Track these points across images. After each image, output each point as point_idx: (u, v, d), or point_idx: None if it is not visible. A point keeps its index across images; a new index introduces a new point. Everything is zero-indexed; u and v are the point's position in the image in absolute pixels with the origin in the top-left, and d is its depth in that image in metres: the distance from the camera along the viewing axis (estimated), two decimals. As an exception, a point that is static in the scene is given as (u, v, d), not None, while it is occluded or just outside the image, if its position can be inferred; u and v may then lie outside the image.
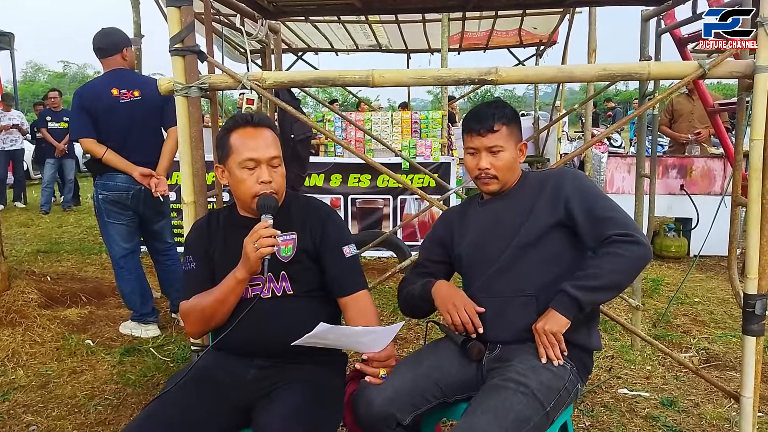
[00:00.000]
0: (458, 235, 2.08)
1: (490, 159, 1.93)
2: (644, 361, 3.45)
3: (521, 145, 1.99)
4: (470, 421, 1.62)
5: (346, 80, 2.28)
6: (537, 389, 1.70)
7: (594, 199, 1.86)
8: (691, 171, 6.00)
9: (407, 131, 6.35)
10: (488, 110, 1.92)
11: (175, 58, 2.25)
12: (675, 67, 2.19)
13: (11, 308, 3.76)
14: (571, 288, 1.77)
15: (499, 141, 1.91)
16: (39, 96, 10.83)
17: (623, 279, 1.79)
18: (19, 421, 2.81)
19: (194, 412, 1.73)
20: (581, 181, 1.93)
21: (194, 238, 1.98)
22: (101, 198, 3.64)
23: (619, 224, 1.79)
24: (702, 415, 2.81)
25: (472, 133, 1.95)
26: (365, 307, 1.90)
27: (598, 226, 1.81)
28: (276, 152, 1.87)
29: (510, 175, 1.97)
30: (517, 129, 1.98)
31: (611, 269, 1.75)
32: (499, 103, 1.98)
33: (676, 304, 4.40)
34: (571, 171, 2.02)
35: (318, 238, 1.90)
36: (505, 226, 1.96)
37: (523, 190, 1.99)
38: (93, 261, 5.99)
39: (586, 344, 1.91)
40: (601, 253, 1.79)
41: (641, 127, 3.36)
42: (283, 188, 1.90)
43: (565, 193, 1.88)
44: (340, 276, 1.90)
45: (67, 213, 9.35)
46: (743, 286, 2.20)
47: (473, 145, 1.96)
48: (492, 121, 1.90)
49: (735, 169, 2.37)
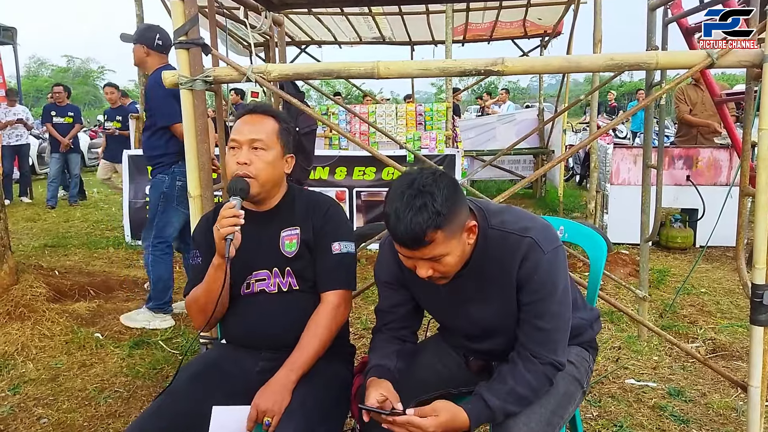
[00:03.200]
0: (411, 284, 1.77)
1: (431, 265, 1.52)
2: (651, 352, 3.45)
3: (469, 227, 1.54)
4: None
5: (351, 72, 2.27)
6: (569, 370, 1.71)
7: (546, 295, 1.57)
8: (697, 162, 5.98)
9: (412, 123, 6.34)
10: (414, 218, 1.41)
11: (179, 51, 2.25)
12: (683, 56, 2.17)
13: (20, 302, 3.78)
14: (493, 398, 1.54)
15: (436, 250, 1.47)
16: (43, 91, 10.85)
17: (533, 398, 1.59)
18: (30, 414, 2.83)
19: (203, 404, 1.74)
20: (546, 272, 1.56)
21: (201, 233, 1.98)
22: (180, 185, 3.79)
23: (538, 341, 1.58)
24: (709, 404, 2.81)
25: (400, 245, 1.50)
26: (324, 312, 1.81)
27: (524, 327, 1.60)
28: (260, 136, 1.82)
29: (460, 265, 1.58)
30: (457, 213, 1.48)
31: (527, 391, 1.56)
32: (425, 200, 1.42)
33: (683, 295, 4.39)
34: (546, 260, 1.55)
35: (315, 230, 1.88)
36: (463, 308, 1.72)
37: (480, 268, 1.62)
38: (100, 255, 6.01)
39: (592, 339, 1.92)
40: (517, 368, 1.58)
41: (648, 117, 3.34)
42: (264, 173, 1.81)
43: (523, 283, 1.58)
44: (321, 271, 1.87)
45: (74, 208, 9.38)
46: (751, 277, 2.19)
47: (404, 254, 1.53)
48: (422, 234, 1.42)
49: (743, 159, 2.36)
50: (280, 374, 1.69)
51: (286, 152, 1.89)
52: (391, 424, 1.51)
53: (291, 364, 1.71)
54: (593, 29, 5.08)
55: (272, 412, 1.62)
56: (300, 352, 1.74)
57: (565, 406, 1.68)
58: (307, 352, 1.73)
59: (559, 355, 1.59)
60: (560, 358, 1.59)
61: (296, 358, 1.73)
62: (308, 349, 1.73)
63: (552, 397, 1.63)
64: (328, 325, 1.79)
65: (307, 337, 1.77)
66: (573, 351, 1.80)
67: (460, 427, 1.51)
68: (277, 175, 1.87)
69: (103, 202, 10.01)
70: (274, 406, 1.62)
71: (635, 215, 4.01)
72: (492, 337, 1.76)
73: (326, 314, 1.81)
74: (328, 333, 1.78)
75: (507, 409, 1.54)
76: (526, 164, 9.64)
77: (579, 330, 1.83)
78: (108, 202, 9.95)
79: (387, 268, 1.78)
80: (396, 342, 1.81)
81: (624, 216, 5.80)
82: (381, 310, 1.85)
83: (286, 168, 1.91)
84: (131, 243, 6.38)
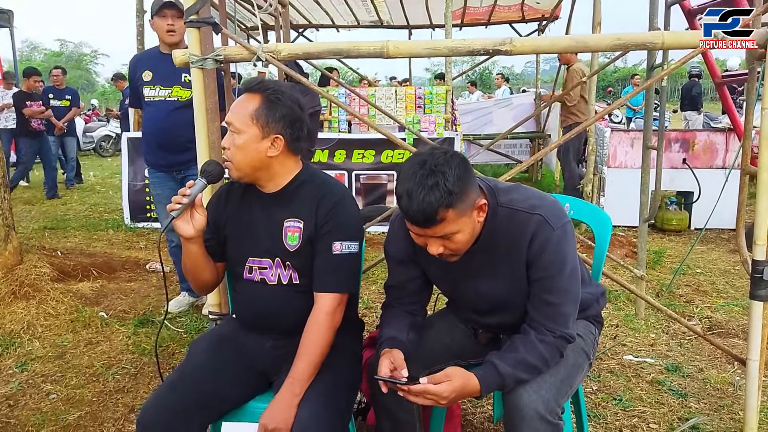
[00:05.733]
0: (422, 259, 1.81)
1: (441, 243, 1.56)
2: (648, 330, 3.52)
3: (479, 206, 1.57)
4: None
5: (360, 51, 2.29)
6: (577, 343, 1.75)
7: (555, 272, 1.61)
8: (694, 145, 6.03)
9: (411, 107, 6.35)
10: (426, 197, 1.44)
11: (190, 30, 2.27)
12: (688, 36, 2.21)
13: (24, 282, 3.80)
14: (503, 365, 1.58)
15: (447, 228, 1.50)
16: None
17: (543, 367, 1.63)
18: (39, 389, 2.87)
19: (220, 373, 1.79)
20: (556, 249, 1.60)
21: (210, 208, 1.95)
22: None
23: (549, 316, 1.63)
24: (706, 379, 2.88)
25: (412, 224, 1.53)
26: (317, 319, 1.75)
27: (535, 302, 1.65)
28: (230, 119, 1.73)
29: (471, 242, 1.62)
30: (468, 192, 1.51)
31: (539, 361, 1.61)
32: (437, 179, 1.45)
33: (679, 275, 4.46)
34: (556, 236, 1.60)
35: (318, 226, 1.79)
36: (472, 283, 1.77)
37: (489, 244, 1.66)
38: (100, 237, 6.03)
39: (597, 314, 1.98)
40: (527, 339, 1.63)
41: (649, 99, 3.38)
42: (236, 158, 1.74)
43: (533, 260, 1.63)
44: (317, 271, 1.79)
45: (71, 191, 9.36)
46: (751, 254, 2.24)
47: (416, 232, 1.57)
48: (434, 213, 1.45)
49: (744, 138, 2.41)
50: (283, 391, 1.67)
51: (269, 133, 1.73)
52: (407, 393, 1.55)
53: (292, 379, 1.69)
54: (593, 12, 5.09)
55: (279, 430, 1.61)
56: (299, 365, 1.70)
57: (574, 376, 1.73)
58: (306, 365, 1.70)
59: (570, 328, 1.64)
60: (571, 331, 1.64)
61: (296, 372, 1.69)
62: (307, 362, 1.70)
63: (562, 367, 1.67)
64: (322, 333, 1.74)
65: (304, 348, 1.72)
66: (580, 324, 1.85)
67: (472, 392, 1.56)
68: (254, 159, 1.73)
69: (100, 186, 10.00)
70: (280, 424, 1.61)
71: (632, 198, 4.07)
72: (500, 312, 1.81)
73: (319, 322, 1.75)
74: (324, 341, 1.73)
75: (517, 377, 1.58)
76: (522, 148, 9.67)
77: (586, 304, 1.88)
78: (105, 186, 9.94)
79: (397, 244, 1.82)
80: (407, 316, 1.85)
81: (620, 198, 5.86)
82: (391, 286, 1.89)
83: (271, 150, 1.74)
84: (130, 225, 6.40)
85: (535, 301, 1.65)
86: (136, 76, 3.58)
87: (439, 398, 1.52)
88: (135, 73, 3.61)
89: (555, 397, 1.59)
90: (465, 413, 2.61)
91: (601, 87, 16.76)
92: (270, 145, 1.73)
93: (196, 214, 1.75)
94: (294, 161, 1.84)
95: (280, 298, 1.84)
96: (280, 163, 1.79)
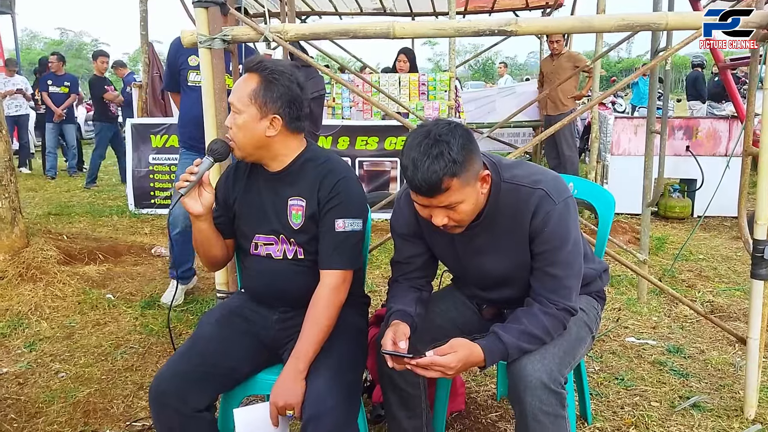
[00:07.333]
0: (428, 236, 1.85)
1: (446, 214, 1.58)
2: (650, 313, 3.55)
3: (483, 176, 1.59)
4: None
5: (367, 32, 2.30)
6: (580, 316, 1.79)
7: (558, 245, 1.64)
8: (697, 132, 6.04)
9: (415, 93, 6.36)
10: (431, 166, 1.47)
11: (198, 9, 2.28)
12: (692, 17, 2.22)
13: (31, 264, 3.84)
14: (507, 335, 1.61)
15: (452, 197, 1.53)
16: (36, 64, 10.64)
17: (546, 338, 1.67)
18: (48, 368, 2.91)
19: (229, 345, 1.84)
20: (558, 222, 1.63)
21: (219, 186, 1.99)
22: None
23: (552, 288, 1.66)
24: (707, 360, 2.92)
25: (417, 193, 1.56)
26: (322, 295, 1.77)
27: (538, 275, 1.69)
28: (232, 99, 1.76)
29: (474, 214, 1.65)
30: (472, 162, 1.53)
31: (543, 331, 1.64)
32: (441, 148, 1.48)
33: (681, 261, 4.49)
34: (558, 209, 1.62)
35: (321, 204, 1.81)
36: (477, 259, 1.80)
37: (492, 220, 1.69)
38: (104, 223, 6.07)
39: (600, 290, 2.01)
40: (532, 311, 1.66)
41: (653, 84, 3.38)
42: (237, 137, 1.76)
43: (536, 234, 1.66)
44: (322, 249, 1.81)
45: (73, 178, 9.39)
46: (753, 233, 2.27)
47: (420, 202, 1.60)
48: (439, 182, 1.48)
49: (747, 119, 2.43)
50: (288, 367, 1.70)
51: (267, 113, 1.74)
52: (415, 366, 1.57)
53: (297, 355, 1.71)
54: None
55: (290, 405, 1.64)
56: (303, 341, 1.72)
57: (577, 348, 1.76)
58: (311, 342, 1.72)
59: (573, 301, 1.67)
60: (574, 303, 1.67)
61: (300, 348, 1.71)
62: (311, 338, 1.72)
63: (565, 340, 1.71)
64: (327, 310, 1.76)
65: (309, 324, 1.74)
66: (583, 299, 1.88)
67: (476, 361, 1.58)
68: (254, 138, 1.75)
69: (103, 173, 10.00)
70: (290, 399, 1.64)
71: (635, 185, 4.08)
72: (504, 287, 1.84)
73: (324, 298, 1.77)
74: (328, 318, 1.75)
75: (521, 347, 1.61)
76: (525, 137, 9.66)
77: (589, 279, 1.91)
78: (107, 173, 9.96)
79: (403, 219, 1.85)
80: (413, 290, 1.88)
81: (624, 186, 5.86)
82: (398, 262, 1.92)
83: (270, 130, 1.75)
84: (135, 211, 6.43)
85: (538, 275, 1.68)
86: (179, 60, 3.47)
87: (446, 369, 1.55)
88: (177, 57, 3.48)
89: (558, 367, 1.62)
90: (469, 391, 2.65)
91: (604, 78, 16.74)
92: (269, 125, 1.75)
93: (204, 192, 1.79)
94: (296, 140, 1.85)
95: (286, 272, 1.87)
96: (281, 142, 1.80)
